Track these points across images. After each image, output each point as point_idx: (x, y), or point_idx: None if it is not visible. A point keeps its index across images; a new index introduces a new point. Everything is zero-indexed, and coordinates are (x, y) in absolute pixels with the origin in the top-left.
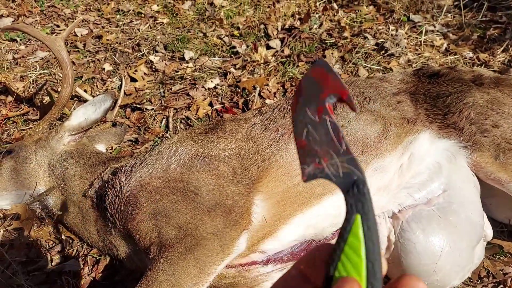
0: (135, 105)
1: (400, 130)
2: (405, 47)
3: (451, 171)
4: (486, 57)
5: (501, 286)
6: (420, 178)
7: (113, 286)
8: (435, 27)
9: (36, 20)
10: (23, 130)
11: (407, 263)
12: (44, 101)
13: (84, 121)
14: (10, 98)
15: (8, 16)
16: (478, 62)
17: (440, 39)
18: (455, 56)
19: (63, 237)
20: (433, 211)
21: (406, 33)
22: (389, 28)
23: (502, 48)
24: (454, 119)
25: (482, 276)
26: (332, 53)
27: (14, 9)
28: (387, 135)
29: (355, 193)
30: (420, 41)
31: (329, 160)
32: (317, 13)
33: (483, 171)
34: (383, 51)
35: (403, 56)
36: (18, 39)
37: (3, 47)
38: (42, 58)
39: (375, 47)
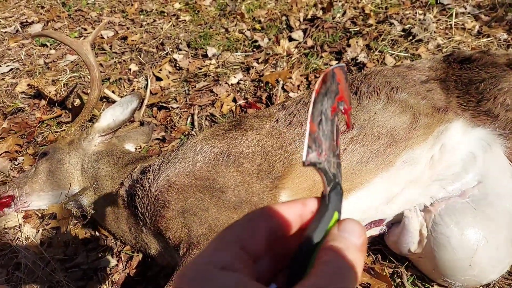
0: (161, 104)
1: (430, 120)
2: (434, 32)
3: (486, 161)
4: None
5: None
6: (453, 170)
7: (146, 281)
8: (465, 8)
9: (64, 25)
10: (57, 132)
11: (440, 258)
12: (75, 104)
13: (113, 122)
14: (43, 102)
15: (38, 22)
16: None
17: (472, 21)
18: (489, 39)
19: (97, 234)
20: (468, 204)
21: (434, 17)
22: (416, 13)
23: None
24: (488, 106)
25: None
26: (357, 42)
27: (44, 15)
28: (417, 125)
29: (338, 193)
30: (450, 25)
31: (328, 156)
32: (340, 1)
33: None
34: (411, 37)
35: (432, 41)
36: (48, 44)
37: (35, 53)
38: (72, 62)
39: (402, 33)
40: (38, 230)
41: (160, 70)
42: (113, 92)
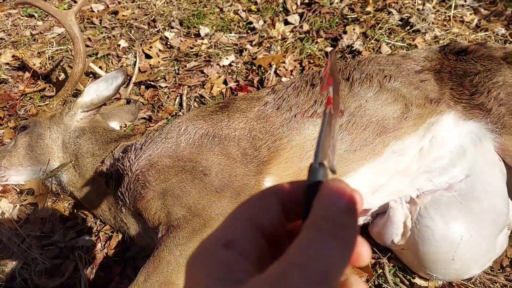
0: (149, 82)
1: (422, 110)
2: (432, 23)
3: (475, 155)
4: None
5: None
6: (442, 162)
7: (124, 262)
8: (465, 1)
9: None
10: (40, 106)
11: (424, 251)
12: (60, 78)
13: (96, 97)
14: (27, 74)
15: None
16: (511, 39)
17: (471, 14)
18: (486, 33)
19: (76, 212)
20: (454, 197)
21: (433, 8)
22: (415, 2)
23: None
24: (481, 100)
25: (505, 265)
26: (353, 29)
27: None
28: (408, 116)
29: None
30: (449, 16)
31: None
32: None
33: (510, 155)
34: (408, 27)
35: (430, 32)
36: (36, 14)
37: (22, 23)
38: (59, 34)
39: (400, 23)
40: (15, 206)
41: (150, 47)
42: (100, 67)
